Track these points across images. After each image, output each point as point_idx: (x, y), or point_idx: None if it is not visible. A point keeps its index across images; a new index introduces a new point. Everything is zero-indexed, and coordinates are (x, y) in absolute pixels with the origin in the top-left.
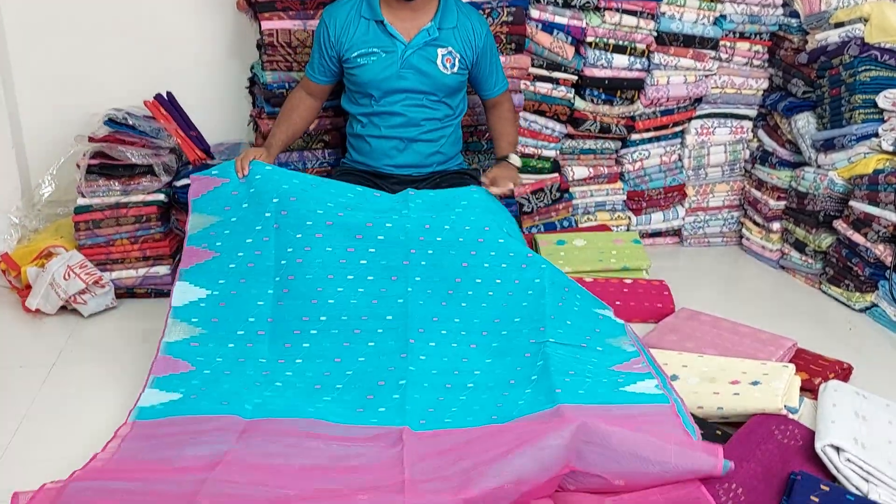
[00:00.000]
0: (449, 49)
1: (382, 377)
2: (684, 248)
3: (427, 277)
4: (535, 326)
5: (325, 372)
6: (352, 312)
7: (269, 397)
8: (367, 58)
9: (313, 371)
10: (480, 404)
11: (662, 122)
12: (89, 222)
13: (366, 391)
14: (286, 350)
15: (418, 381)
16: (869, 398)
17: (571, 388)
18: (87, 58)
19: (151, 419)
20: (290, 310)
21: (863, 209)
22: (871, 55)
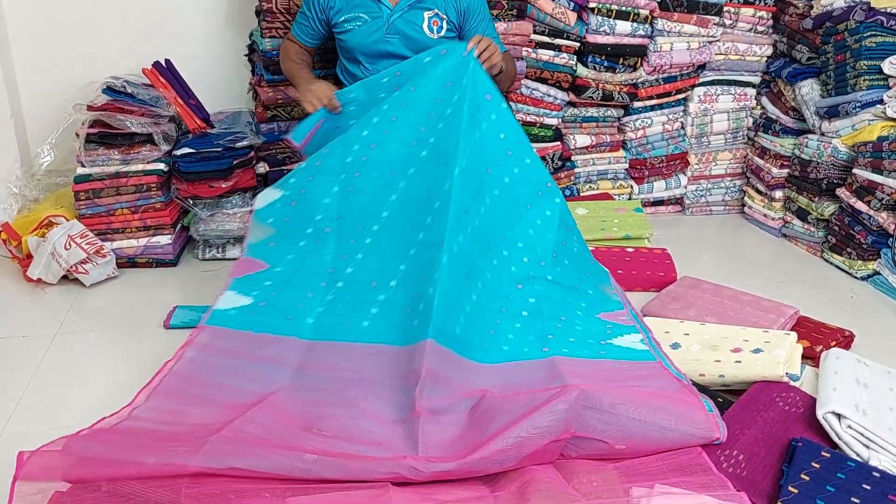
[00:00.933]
0: (435, 11)
1: (421, 282)
2: (686, 217)
3: (463, 181)
4: (536, 259)
5: (382, 269)
6: (410, 207)
7: (329, 305)
8: (352, 23)
9: (371, 268)
10: (476, 329)
11: (665, 90)
12: (89, 192)
13: (410, 296)
14: (350, 245)
15: (442, 291)
16: (870, 365)
17: (562, 335)
18: (84, 26)
19: (223, 326)
20: (356, 206)
21: (866, 177)
22: (878, 20)
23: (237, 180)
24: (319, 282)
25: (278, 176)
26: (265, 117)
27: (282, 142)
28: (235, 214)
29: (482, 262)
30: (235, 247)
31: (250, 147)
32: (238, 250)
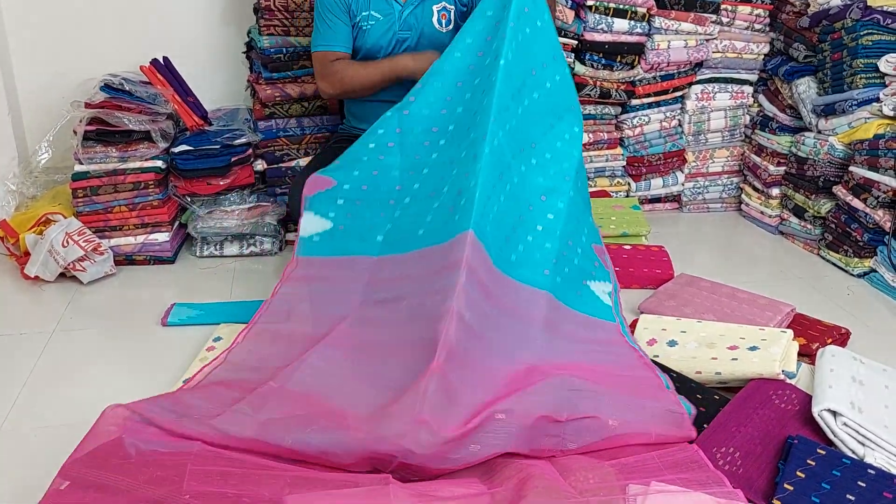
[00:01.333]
0: (443, 4)
1: (465, 178)
2: (684, 214)
3: (506, 76)
4: (562, 173)
5: (441, 178)
6: (468, 114)
7: (396, 221)
8: (367, 21)
9: (433, 179)
10: (496, 232)
11: (663, 87)
12: (87, 189)
13: (455, 194)
14: (415, 161)
15: (482, 183)
16: (866, 363)
17: (562, 264)
18: (82, 22)
19: (311, 255)
20: (417, 119)
21: (863, 174)
22: (874, 19)
23: (235, 177)
24: (388, 199)
25: (276, 173)
26: (263, 115)
27: (280, 139)
28: (233, 212)
29: (514, 164)
30: (233, 244)
31: (248, 144)
32: (236, 247)
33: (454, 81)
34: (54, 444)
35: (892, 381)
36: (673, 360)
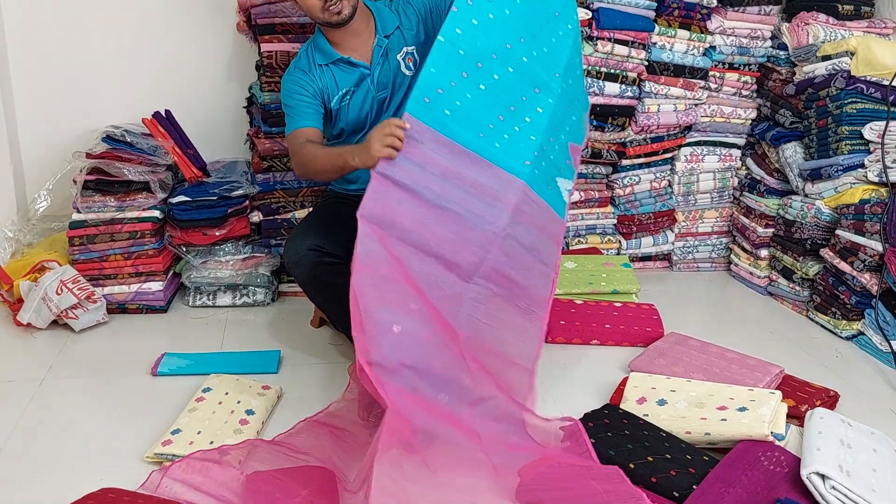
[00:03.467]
0: (404, 50)
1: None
2: (674, 273)
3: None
4: (553, 69)
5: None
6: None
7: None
8: (345, 99)
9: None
10: (483, 116)
11: (653, 149)
12: (83, 237)
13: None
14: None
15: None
16: (854, 426)
17: (542, 156)
18: (88, 75)
19: (424, 122)
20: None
21: (849, 238)
22: (857, 88)
23: (231, 228)
24: (498, 114)
25: (272, 225)
26: (261, 167)
27: (276, 191)
28: (227, 262)
29: (516, 51)
30: (226, 294)
31: (245, 196)
32: (228, 297)
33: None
34: (42, 493)
35: (879, 444)
36: (663, 420)
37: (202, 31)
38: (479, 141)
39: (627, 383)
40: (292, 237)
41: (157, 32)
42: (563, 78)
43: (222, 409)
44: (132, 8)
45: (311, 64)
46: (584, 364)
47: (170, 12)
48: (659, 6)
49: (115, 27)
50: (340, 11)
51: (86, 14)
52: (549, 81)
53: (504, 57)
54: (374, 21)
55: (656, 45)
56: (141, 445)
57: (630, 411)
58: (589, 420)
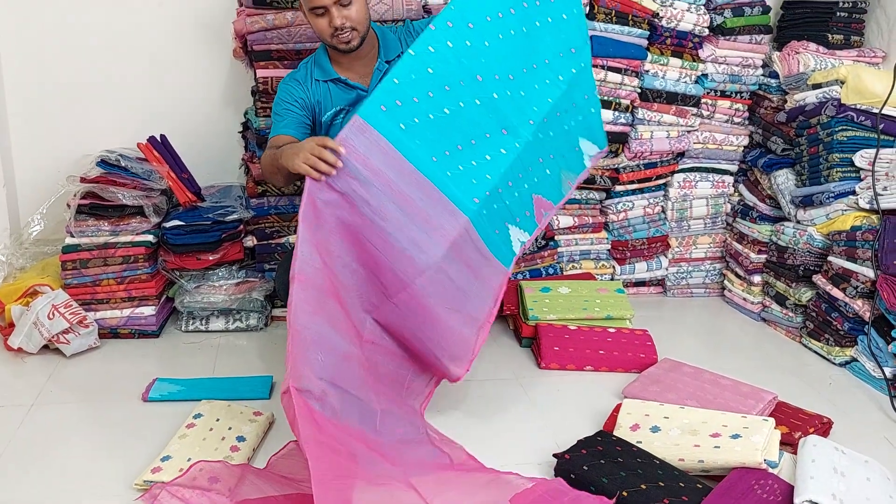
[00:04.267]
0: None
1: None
2: (667, 298)
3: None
4: (527, 116)
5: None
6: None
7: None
8: (339, 117)
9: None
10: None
11: (646, 175)
12: (76, 262)
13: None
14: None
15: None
16: (848, 454)
17: (487, 203)
18: (83, 99)
19: (377, 129)
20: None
21: (841, 265)
22: (848, 116)
23: (225, 253)
24: (456, 143)
25: (265, 249)
26: (255, 192)
27: (271, 216)
28: (221, 287)
29: (487, 85)
30: (219, 319)
31: (239, 221)
32: (221, 322)
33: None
34: None
35: (873, 472)
36: (656, 447)
37: (198, 57)
38: (430, 164)
39: (621, 410)
40: (283, 263)
41: (153, 57)
42: (538, 127)
43: (213, 436)
44: (128, 33)
45: (309, 77)
46: (577, 390)
47: (166, 38)
48: (651, 35)
49: (111, 52)
50: (349, 41)
51: (81, 38)
52: (519, 127)
53: (473, 88)
54: (378, 45)
55: (649, 73)
56: (130, 472)
57: (624, 438)
58: (582, 447)
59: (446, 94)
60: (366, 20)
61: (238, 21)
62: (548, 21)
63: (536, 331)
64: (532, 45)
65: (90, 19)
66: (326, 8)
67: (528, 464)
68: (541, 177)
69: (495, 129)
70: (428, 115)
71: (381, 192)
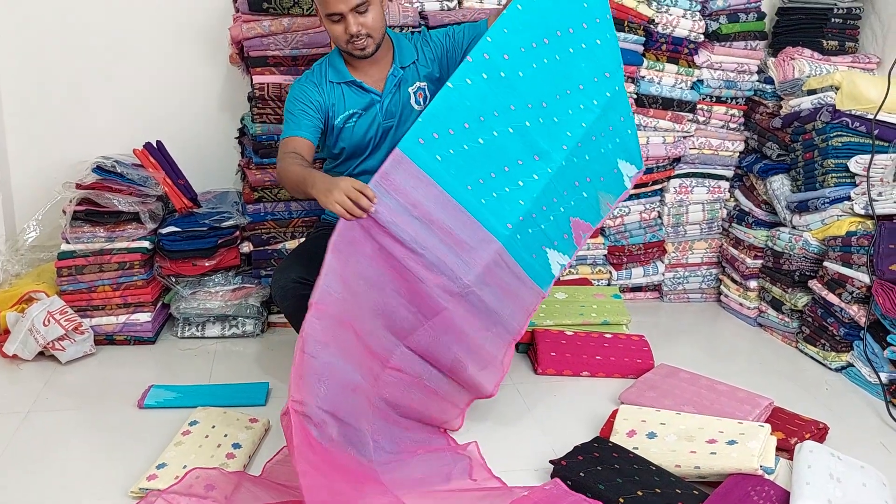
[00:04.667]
0: (417, 84)
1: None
2: (664, 304)
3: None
4: (560, 141)
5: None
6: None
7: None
8: (351, 120)
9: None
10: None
11: (642, 181)
12: (72, 268)
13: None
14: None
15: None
16: (843, 459)
17: (521, 227)
18: (79, 105)
19: (413, 161)
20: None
21: (837, 270)
22: (843, 122)
23: (221, 259)
24: (490, 171)
25: (262, 255)
26: (252, 198)
27: (267, 222)
28: (217, 293)
29: (520, 114)
30: (215, 325)
31: (235, 227)
32: (217, 329)
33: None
34: None
35: (869, 478)
36: (653, 453)
37: (194, 63)
38: (465, 193)
39: (617, 416)
40: (279, 269)
41: (150, 63)
42: (571, 152)
43: (209, 443)
44: (124, 38)
45: (323, 79)
46: (574, 396)
47: (162, 43)
48: (647, 41)
49: (107, 57)
50: (364, 48)
51: (78, 44)
52: (552, 152)
53: (506, 117)
54: (393, 50)
55: (645, 79)
56: (126, 479)
57: (620, 444)
58: (579, 453)
59: (480, 124)
60: (382, 27)
61: (234, 27)
62: (581, 47)
63: (533, 336)
64: (566, 72)
65: (87, 25)
66: (343, 15)
67: (525, 470)
68: (577, 200)
69: (527, 156)
70: (462, 146)
71: (419, 223)
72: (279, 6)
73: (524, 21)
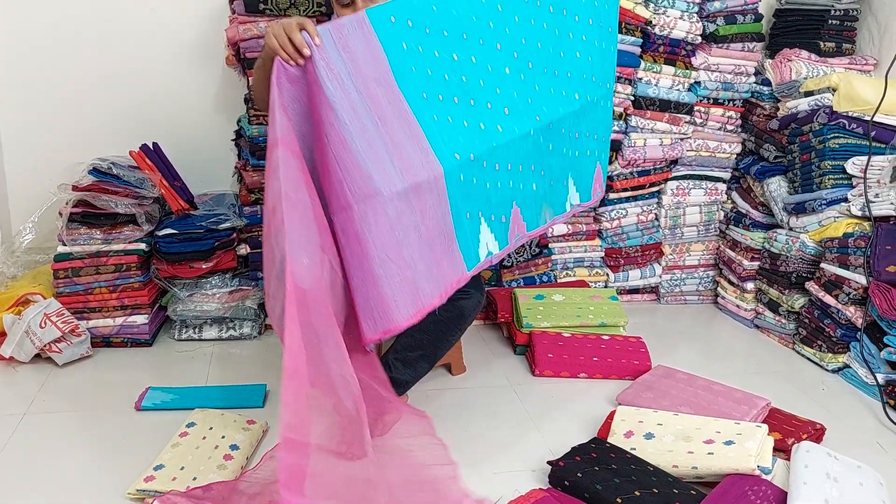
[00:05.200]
0: None
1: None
2: (661, 306)
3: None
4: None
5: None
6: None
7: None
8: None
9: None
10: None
11: (639, 182)
12: (68, 270)
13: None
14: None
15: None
16: (840, 459)
17: (465, 168)
18: (75, 107)
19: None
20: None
21: (833, 271)
22: (840, 123)
23: (218, 261)
24: (453, 94)
25: (259, 258)
26: (249, 200)
27: None
28: (214, 295)
29: (515, 65)
30: (212, 327)
31: (232, 229)
32: (214, 331)
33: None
34: None
35: (866, 478)
36: (650, 454)
37: (191, 65)
38: (419, 99)
39: (615, 417)
40: None
41: (146, 65)
42: (541, 129)
43: (206, 445)
44: (120, 40)
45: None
46: (571, 397)
47: (158, 45)
48: (644, 42)
49: (103, 59)
50: None
51: (73, 45)
52: (523, 115)
53: (490, 52)
54: None
55: (642, 81)
56: (123, 481)
57: (618, 445)
58: (577, 454)
59: (461, 41)
60: None
61: (231, 29)
62: (582, 39)
63: (530, 338)
64: (559, 50)
65: (82, 26)
66: (353, 2)
67: (522, 471)
68: (525, 187)
69: (498, 103)
70: (434, 51)
71: (358, 95)
72: (276, 7)
73: None
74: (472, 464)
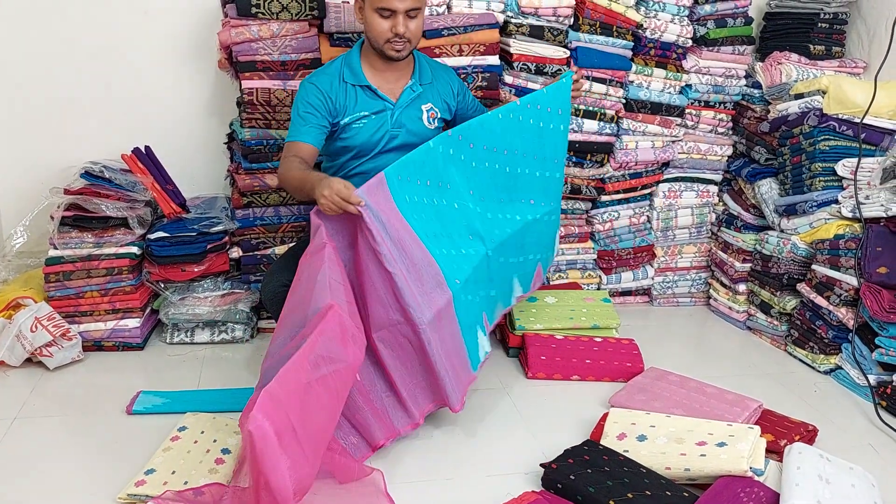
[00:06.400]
0: (430, 104)
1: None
2: (654, 308)
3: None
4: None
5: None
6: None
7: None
8: (360, 121)
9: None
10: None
11: (631, 185)
12: (60, 274)
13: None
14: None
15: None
16: (832, 461)
17: (464, 287)
18: (66, 110)
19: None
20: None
21: (825, 273)
22: (830, 126)
23: (210, 264)
24: (440, 232)
25: (251, 261)
26: (241, 203)
27: (256, 227)
28: (206, 299)
29: (471, 199)
30: (204, 331)
31: (224, 232)
32: (206, 334)
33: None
34: None
35: (858, 479)
36: (643, 456)
37: (183, 68)
38: (427, 237)
39: (608, 419)
40: (269, 274)
41: (138, 68)
42: (496, 248)
43: (198, 449)
44: (112, 43)
45: (338, 77)
46: (564, 400)
47: (151, 48)
48: (636, 45)
49: (95, 62)
50: (400, 51)
51: (65, 48)
52: (484, 238)
53: (455, 193)
54: (413, 66)
55: (633, 84)
56: (114, 485)
57: (610, 447)
58: (569, 456)
59: (438, 189)
60: (420, 37)
61: (223, 32)
62: (525, 172)
63: (523, 340)
64: (509, 184)
65: (74, 29)
66: (395, 12)
67: (515, 473)
68: (490, 295)
69: (466, 232)
70: (423, 199)
71: (393, 241)
72: (268, 11)
73: (497, 126)
74: (465, 466)
